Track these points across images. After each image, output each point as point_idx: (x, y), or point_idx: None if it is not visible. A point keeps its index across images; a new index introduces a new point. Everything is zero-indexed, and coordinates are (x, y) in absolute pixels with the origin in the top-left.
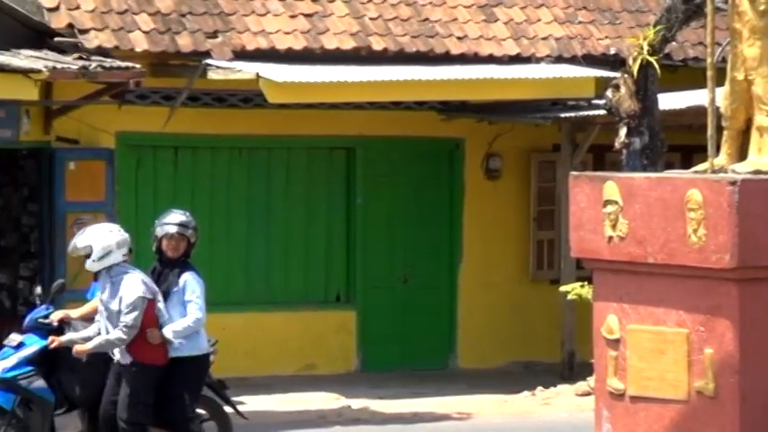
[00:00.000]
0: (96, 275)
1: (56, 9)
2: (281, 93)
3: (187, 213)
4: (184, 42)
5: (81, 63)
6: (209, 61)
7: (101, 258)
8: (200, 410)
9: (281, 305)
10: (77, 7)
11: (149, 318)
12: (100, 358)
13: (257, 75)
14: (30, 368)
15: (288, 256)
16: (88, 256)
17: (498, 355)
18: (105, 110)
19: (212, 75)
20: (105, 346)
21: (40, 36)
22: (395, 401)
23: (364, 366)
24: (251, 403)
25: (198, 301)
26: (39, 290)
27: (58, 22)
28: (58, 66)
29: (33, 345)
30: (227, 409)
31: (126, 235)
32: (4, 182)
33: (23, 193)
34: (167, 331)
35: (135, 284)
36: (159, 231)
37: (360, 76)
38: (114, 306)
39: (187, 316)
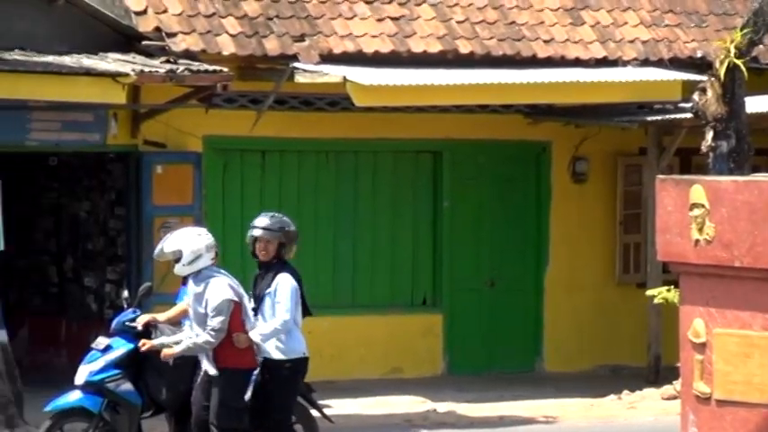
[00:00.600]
0: (185, 279)
1: (143, 13)
2: (368, 96)
3: (276, 215)
4: (271, 46)
5: (168, 66)
6: (296, 65)
7: (191, 262)
8: None
9: (367, 308)
10: (165, 11)
11: (236, 322)
12: (187, 362)
13: (344, 78)
14: (117, 371)
15: (374, 259)
16: (178, 260)
17: (584, 358)
18: (192, 113)
19: (299, 78)
20: (193, 350)
21: (127, 40)
22: (481, 405)
23: (450, 370)
24: (337, 407)
25: (286, 303)
26: (126, 293)
27: (145, 25)
28: (146, 69)
29: (120, 348)
30: (314, 412)
31: (213, 238)
32: (91, 186)
33: (111, 197)
34: (254, 334)
35: (221, 288)
36: (248, 234)
37: (446, 79)
38: (201, 309)
39: (275, 318)
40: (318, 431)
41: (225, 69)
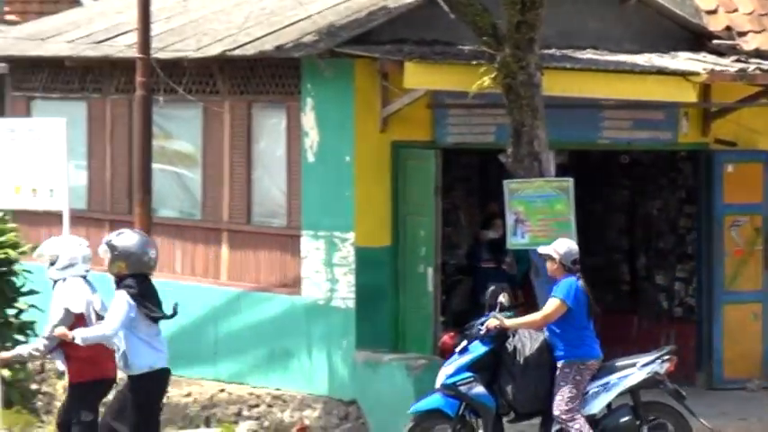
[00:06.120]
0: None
1: (714, 12)
2: None
3: None
4: None
5: (739, 66)
6: None
7: (64, 268)
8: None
9: None
10: (735, 10)
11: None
12: (541, 364)
13: None
14: (469, 374)
15: None
16: (53, 263)
17: None
18: (763, 112)
19: None
20: (26, 357)
21: (697, 38)
22: None
23: None
24: None
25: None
26: (503, 298)
27: (715, 24)
28: (716, 68)
29: (475, 351)
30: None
31: (89, 251)
32: (662, 184)
33: (681, 195)
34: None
35: (65, 296)
36: None
37: None
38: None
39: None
40: None
41: None
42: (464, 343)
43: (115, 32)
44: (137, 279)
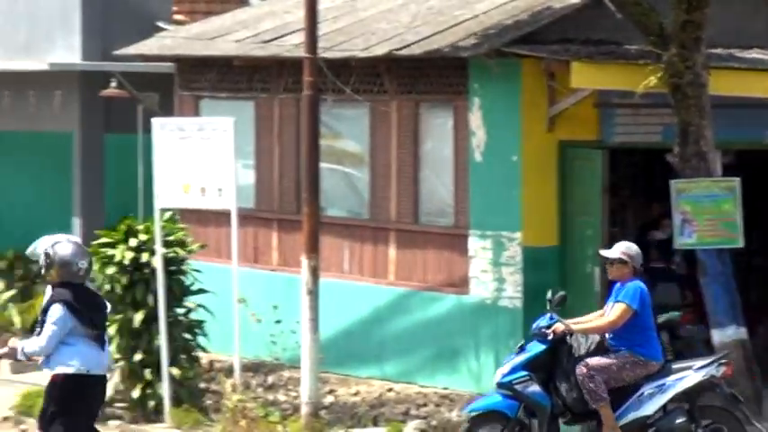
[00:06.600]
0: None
1: None
2: None
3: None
4: None
5: None
6: None
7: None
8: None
9: None
10: None
11: None
12: None
13: None
14: (525, 373)
15: None
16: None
17: None
18: None
19: None
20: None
21: None
22: None
23: None
24: None
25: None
26: (549, 295)
27: None
28: None
29: (532, 351)
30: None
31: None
32: None
33: None
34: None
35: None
36: None
37: None
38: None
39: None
40: None
41: None
42: (522, 342)
43: (283, 32)
44: (68, 287)
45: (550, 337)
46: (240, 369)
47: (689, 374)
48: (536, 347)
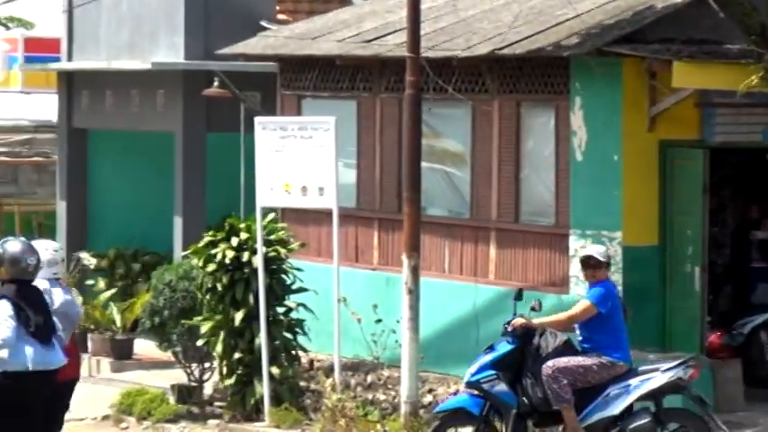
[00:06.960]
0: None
1: None
2: None
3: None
4: None
5: None
6: None
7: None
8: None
9: None
10: None
11: None
12: None
13: None
14: (492, 372)
15: None
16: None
17: None
18: None
19: None
20: None
21: None
22: None
23: None
24: None
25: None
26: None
27: None
28: None
29: (500, 350)
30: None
31: (55, 256)
32: None
33: None
34: None
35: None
36: None
37: None
38: None
39: None
40: None
41: None
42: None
43: (384, 31)
44: (17, 284)
45: (510, 330)
46: (340, 368)
47: (655, 376)
48: (504, 347)
